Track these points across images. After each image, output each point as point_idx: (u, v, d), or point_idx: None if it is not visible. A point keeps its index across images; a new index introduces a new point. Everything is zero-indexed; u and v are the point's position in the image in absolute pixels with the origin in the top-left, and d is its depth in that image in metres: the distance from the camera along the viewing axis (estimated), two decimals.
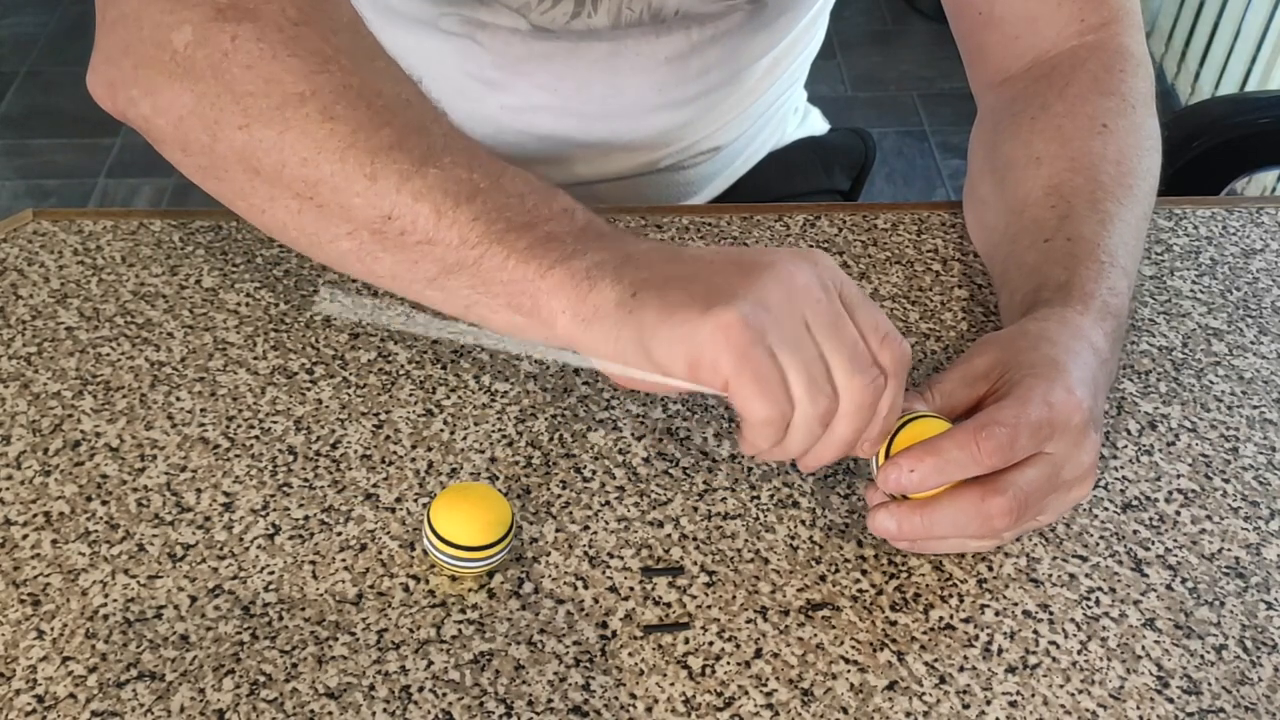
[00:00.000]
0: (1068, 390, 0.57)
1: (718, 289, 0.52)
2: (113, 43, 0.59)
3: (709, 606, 0.58)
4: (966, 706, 0.54)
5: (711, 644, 0.56)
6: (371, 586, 0.58)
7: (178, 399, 0.66)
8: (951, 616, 0.58)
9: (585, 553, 0.60)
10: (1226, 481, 0.65)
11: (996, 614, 0.58)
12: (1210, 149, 1.02)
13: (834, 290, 0.54)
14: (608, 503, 0.62)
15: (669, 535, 0.61)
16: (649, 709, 0.54)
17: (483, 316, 0.57)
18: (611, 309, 0.53)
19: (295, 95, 0.55)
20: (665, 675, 0.55)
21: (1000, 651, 0.56)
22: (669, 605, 0.58)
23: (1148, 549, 0.61)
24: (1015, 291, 0.67)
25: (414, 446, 0.64)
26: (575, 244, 0.55)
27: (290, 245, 0.60)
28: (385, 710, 0.53)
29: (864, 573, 0.59)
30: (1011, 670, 0.56)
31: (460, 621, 0.56)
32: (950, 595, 0.59)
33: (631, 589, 0.58)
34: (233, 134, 0.56)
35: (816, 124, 1.07)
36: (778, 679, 0.55)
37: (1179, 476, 0.65)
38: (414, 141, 0.56)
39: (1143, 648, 0.57)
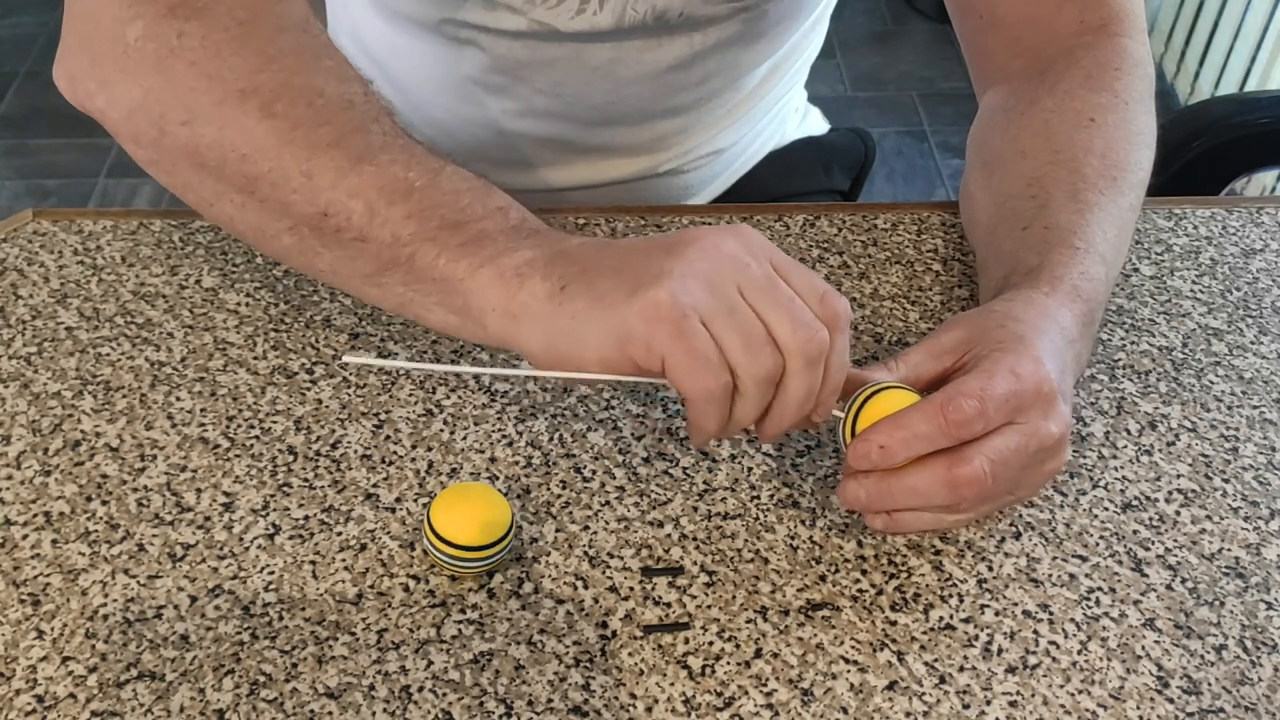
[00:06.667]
0: (1035, 361, 0.57)
1: (644, 272, 0.52)
2: (75, 36, 0.61)
3: (709, 606, 0.58)
4: (966, 706, 0.54)
5: (711, 644, 0.56)
6: (371, 586, 0.58)
7: (178, 399, 0.66)
8: (951, 616, 0.58)
9: (585, 553, 0.60)
10: (1226, 481, 0.65)
11: (996, 614, 0.58)
12: (1210, 149, 1.02)
13: (763, 257, 0.54)
14: (608, 503, 0.62)
15: (669, 535, 0.61)
16: (649, 709, 0.54)
17: (418, 314, 0.58)
18: (541, 304, 0.53)
19: (236, 92, 0.56)
20: (665, 675, 0.55)
21: (1000, 651, 0.56)
22: (669, 605, 0.58)
23: (1148, 549, 0.61)
24: (991, 277, 0.68)
25: (414, 446, 0.64)
26: (507, 242, 0.55)
27: (240, 239, 0.61)
28: (385, 710, 0.53)
29: (864, 573, 0.59)
30: (1011, 670, 0.56)
31: (460, 621, 0.56)
32: (950, 595, 0.59)
33: (631, 589, 0.58)
34: (177, 129, 0.57)
35: (816, 124, 1.07)
36: (778, 679, 0.55)
37: (1179, 476, 0.65)
38: (352, 140, 0.56)
39: (1143, 648, 0.57)
